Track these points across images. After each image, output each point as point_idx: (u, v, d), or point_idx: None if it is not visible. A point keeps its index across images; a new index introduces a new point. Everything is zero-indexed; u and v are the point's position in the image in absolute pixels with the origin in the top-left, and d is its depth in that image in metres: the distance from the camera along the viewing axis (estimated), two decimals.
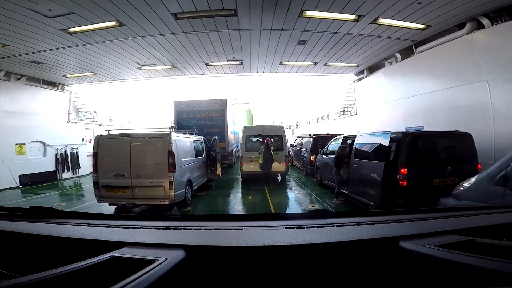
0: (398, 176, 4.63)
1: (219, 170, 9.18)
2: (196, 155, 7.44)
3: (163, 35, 8.20)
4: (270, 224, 1.16)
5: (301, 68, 11.84)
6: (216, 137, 9.29)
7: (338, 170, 6.36)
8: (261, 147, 8.91)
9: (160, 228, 1.12)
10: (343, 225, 1.10)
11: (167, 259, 0.74)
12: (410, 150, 4.69)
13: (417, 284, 0.79)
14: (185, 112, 11.83)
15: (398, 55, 10.14)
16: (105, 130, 6.25)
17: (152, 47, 9.14)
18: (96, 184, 5.81)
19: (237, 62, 10.82)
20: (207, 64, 10.95)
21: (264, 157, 8.76)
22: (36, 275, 0.58)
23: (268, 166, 8.83)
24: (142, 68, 11.28)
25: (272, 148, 8.81)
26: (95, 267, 0.67)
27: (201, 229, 1.08)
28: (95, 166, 5.85)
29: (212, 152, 9.04)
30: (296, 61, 10.78)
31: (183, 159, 6.13)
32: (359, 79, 13.10)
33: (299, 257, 0.85)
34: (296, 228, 1.09)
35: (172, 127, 6.03)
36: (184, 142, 6.61)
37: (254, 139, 9.99)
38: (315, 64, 11.20)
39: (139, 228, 1.15)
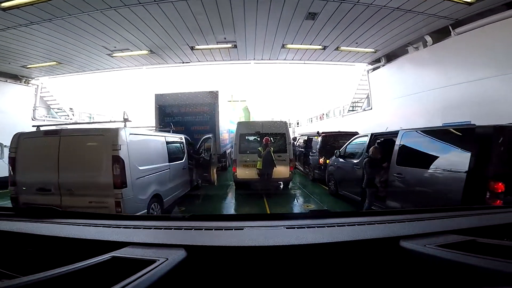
0: (488, 195, 2.77)
1: (214, 176, 7.27)
2: (172, 160, 5.54)
3: (129, 7, 6.36)
4: (270, 224, 1.15)
5: (307, 54, 9.98)
6: (210, 135, 7.34)
7: (372, 180, 4.47)
8: (259, 149, 7.00)
9: (161, 228, 1.11)
10: (344, 225, 1.09)
11: (168, 259, 0.73)
12: (509, 153, 2.80)
13: (418, 284, 0.77)
14: (168, 106, 9.94)
15: (428, 38, 8.36)
16: (32, 126, 4.33)
17: (120, 26, 7.29)
18: (14, 201, 3.96)
19: (229, 45, 8.94)
20: (192, 48, 9.07)
21: (263, 161, 6.87)
22: (37, 275, 0.58)
23: (269, 172, 6.94)
24: (114, 55, 9.41)
25: (272, 149, 6.92)
26: (96, 267, 0.67)
27: (202, 229, 1.07)
28: (12, 175, 3.96)
29: (203, 155, 7.10)
30: (301, 43, 8.93)
31: (143, 167, 4.22)
32: (374, 69, 11.25)
33: (300, 257, 0.84)
34: (297, 228, 1.08)
35: (125, 119, 4.02)
36: (148, 142, 4.69)
37: (251, 138, 8.13)
38: (324, 48, 9.34)
39: (140, 228, 1.14)
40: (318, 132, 9.09)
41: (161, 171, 4.92)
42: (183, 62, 10.30)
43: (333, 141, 8.80)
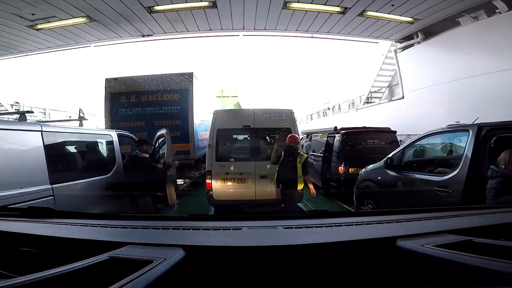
0: None
1: (172, 197, 4.37)
2: (68, 177, 2.76)
3: None
4: (268, 224, 1.15)
5: (318, 22, 7.29)
6: (164, 132, 4.45)
7: None
8: (278, 151, 4.17)
9: (159, 228, 1.10)
10: (342, 225, 1.10)
11: (165, 259, 0.74)
12: None
13: (415, 284, 0.79)
14: (124, 95, 7.18)
15: (499, 3, 5.96)
16: None
17: None
18: None
19: (205, 3, 6.24)
20: (150, 10, 6.35)
21: (281, 173, 4.06)
22: (34, 275, 0.59)
23: (289, 194, 4.10)
24: (39, 27, 6.69)
25: (300, 157, 4.05)
26: (93, 268, 0.68)
27: (200, 229, 1.07)
28: None
29: (159, 162, 4.42)
30: (312, 1, 6.22)
31: None
32: (404, 48, 8.66)
33: (298, 257, 0.86)
34: (295, 228, 1.08)
35: None
36: None
37: (240, 137, 5.43)
38: (344, 11, 6.69)
39: (138, 228, 1.14)
40: (335, 129, 6.40)
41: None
42: (143, 35, 7.52)
43: (358, 141, 6.22)
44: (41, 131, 2.55)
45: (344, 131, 6.17)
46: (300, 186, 4.13)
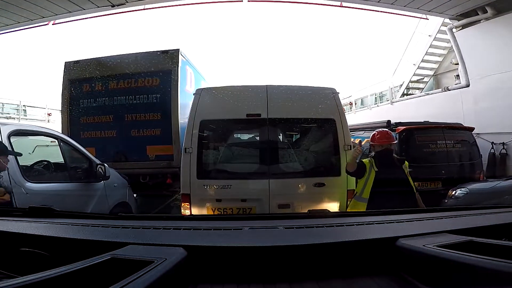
0: None
1: None
2: None
3: None
4: (269, 224, 1.18)
5: None
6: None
7: None
8: (366, 160, 2.54)
9: (160, 228, 1.13)
10: (343, 225, 1.11)
11: (166, 259, 0.73)
12: None
13: (416, 285, 0.78)
14: (87, 81, 5.53)
15: None
16: None
17: None
18: None
19: None
20: None
21: (379, 197, 2.38)
22: (35, 275, 0.59)
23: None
24: None
25: (405, 166, 2.57)
26: (94, 268, 0.68)
27: (200, 229, 1.08)
28: None
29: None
30: None
31: None
32: (464, 26, 6.75)
33: (299, 257, 0.86)
34: (296, 228, 1.10)
35: None
36: None
37: (243, 135, 4.07)
38: None
39: (139, 228, 1.17)
40: (389, 124, 4.38)
41: None
42: (113, 5, 5.71)
43: (425, 141, 4.34)
44: None
45: (404, 127, 4.19)
46: None
